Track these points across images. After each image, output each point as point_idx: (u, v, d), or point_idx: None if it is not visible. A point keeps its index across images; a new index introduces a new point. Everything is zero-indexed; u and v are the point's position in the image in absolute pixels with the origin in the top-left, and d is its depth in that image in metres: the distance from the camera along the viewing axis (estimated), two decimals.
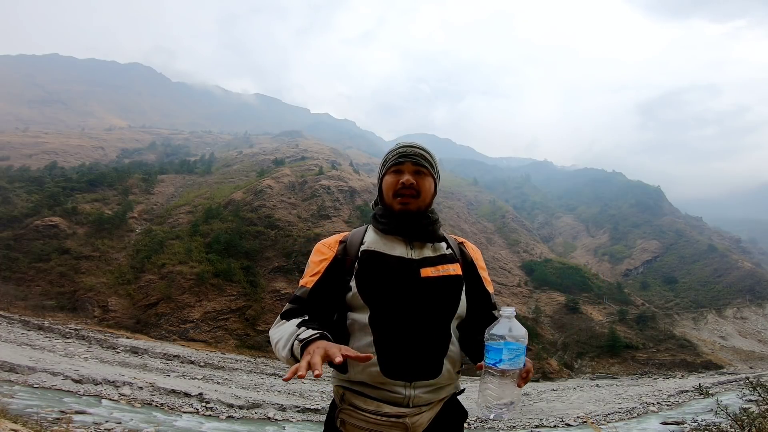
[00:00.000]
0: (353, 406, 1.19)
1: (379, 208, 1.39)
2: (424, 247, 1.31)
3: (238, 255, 39.10)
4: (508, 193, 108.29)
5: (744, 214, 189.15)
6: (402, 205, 1.31)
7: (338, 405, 1.23)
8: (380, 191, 1.40)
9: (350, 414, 1.19)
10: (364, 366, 1.17)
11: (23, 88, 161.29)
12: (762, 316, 55.41)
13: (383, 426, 1.16)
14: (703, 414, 16.43)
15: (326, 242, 1.36)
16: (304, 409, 17.08)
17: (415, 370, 1.18)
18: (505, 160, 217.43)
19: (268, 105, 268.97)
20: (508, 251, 67.13)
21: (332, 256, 1.30)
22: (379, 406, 1.17)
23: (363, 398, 1.19)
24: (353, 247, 1.31)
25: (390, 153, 1.38)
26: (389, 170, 1.35)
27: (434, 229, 1.34)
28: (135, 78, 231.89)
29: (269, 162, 67.37)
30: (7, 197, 43.00)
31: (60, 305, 31.10)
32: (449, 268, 1.28)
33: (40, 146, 75.40)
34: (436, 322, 1.22)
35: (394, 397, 1.17)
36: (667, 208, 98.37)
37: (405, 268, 1.25)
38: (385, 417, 1.16)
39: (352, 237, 1.35)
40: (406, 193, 1.30)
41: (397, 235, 1.31)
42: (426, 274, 1.24)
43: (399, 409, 1.17)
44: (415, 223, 1.31)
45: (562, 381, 33.56)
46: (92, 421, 11.10)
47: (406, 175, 1.31)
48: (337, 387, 1.25)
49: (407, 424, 1.17)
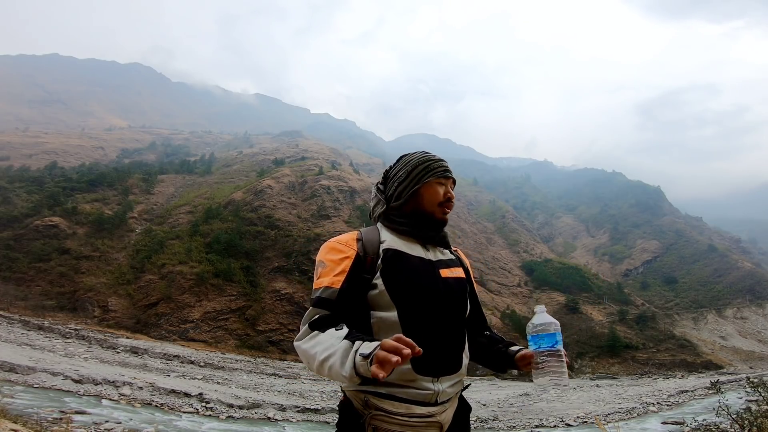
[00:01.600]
0: (383, 411, 1.16)
1: (398, 209, 1.41)
2: (436, 250, 1.39)
3: (238, 255, 39.12)
4: (508, 193, 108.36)
5: (744, 214, 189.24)
6: (444, 215, 1.41)
7: (364, 412, 1.18)
8: (414, 195, 1.41)
9: (382, 419, 1.16)
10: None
11: (23, 88, 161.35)
12: (762, 316, 55.42)
13: (419, 427, 1.17)
14: (703, 414, 16.42)
15: (342, 240, 1.33)
16: (304, 409, 17.08)
17: (441, 365, 1.23)
18: (505, 160, 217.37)
19: (268, 105, 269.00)
20: (508, 251, 67.15)
21: (354, 254, 1.27)
22: (410, 408, 1.17)
23: (390, 401, 1.17)
24: (372, 245, 1.31)
25: (433, 162, 1.43)
26: (434, 180, 1.41)
27: (446, 236, 1.44)
28: (135, 78, 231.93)
29: (269, 162, 67.41)
30: (7, 197, 43.03)
31: (60, 305, 31.12)
32: (457, 271, 1.38)
33: (40, 146, 75.44)
34: (456, 319, 1.30)
35: (423, 394, 1.19)
36: (667, 208, 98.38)
37: (427, 267, 1.30)
38: (419, 418, 1.17)
39: (366, 235, 1.35)
40: (449, 205, 1.41)
41: (414, 237, 1.36)
42: (444, 274, 1.32)
43: (429, 409, 1.19)
44: (441, 230, 1.41)
45: None
46: (92, 421, 11.10)
47: (450, 191, 1.43)
48: (357, 392, 1.20)
49: (440, 421, 1.20)
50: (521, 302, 50.58)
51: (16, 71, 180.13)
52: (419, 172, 1.40)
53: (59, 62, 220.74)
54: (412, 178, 1.41)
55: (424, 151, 1.47)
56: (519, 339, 39.82)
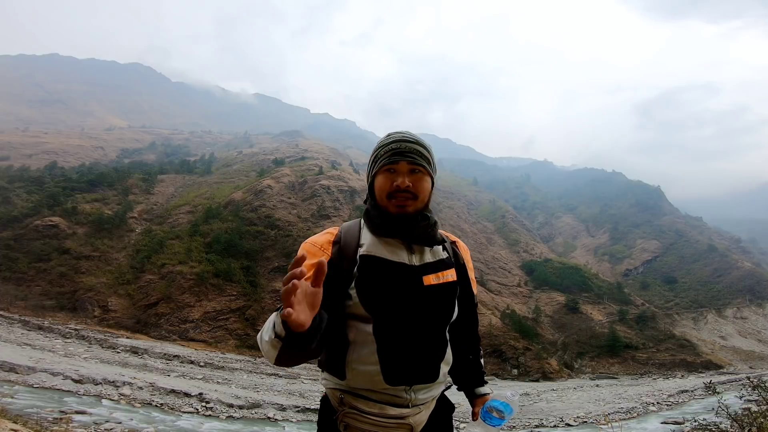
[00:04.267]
0: (356, 410, 1.17)
1: (372, 207, 1.28)
2: (424, 251, 1.24)
3: (238, 255, 39.11)
4: (508, 193, 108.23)
5: (744, 214, 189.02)
6: (398, 208, 1.21)
7: (338, 409, 1.20)
8: (371, 190, 1.29)
9: (354, 417, 1.17)
10: (366, 375, 1.17)
11: (23, 88, 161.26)
12: (762, 316, 55.40)
13: (389, 427, 1.17)
14: (703, 414, 16.41)
15: (316, 241, 1.23)
16: (304, 409, 17.08)
17: (415, 375, 1.18)
18: (505, 160, 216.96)
19: (267, 105, 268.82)
20: (508, 251, 67.12)
21: (325, 260, 1.21)
22: (383, 408, 1.17)
23: (364, 401, 1.18)
24: (349, 249, 1.21)
25: (381, 147, 1.25)
26: (381, 169, 1.23)
27: (433, 232, 1.26)
28: (135, 78, 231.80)
29: (269, 162, 67.36)
30: (7, 197, 43.03)
31: (60, 305, 31.11)
32: (447, 274, 1.25)
33: (40, 146, 75.39)
34: (436, 329, 1.22)
35: (395, 399, 1.19)
36: (667, 208, 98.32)
37: (408, 276, 1.19)
38: (391, 419, 1.17)
39: (345, 237, 1.24)
40: (401, 195, 1.20)
41: (396, 238, 1.23)
42: (428, 282, 1.20)
43: (402, 410, 1.18)
44: (413, 226, 1.22)
45: (562, 381, 33.53)
46: (92, 421, 11.10)
47: (400, 176, 1.21)
48: (333, 390, 1.22)
49: (411, 423, 1.19)
50: (521, 302, 50.55)
51: (16, 71, 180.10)
52: (371, 164, 1.28)
53: (59, 62, 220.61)
54: (369, 173, 1.30)
55: (388, 134, 1.28)
56: (518, 338, 39.74)
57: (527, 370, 34.74)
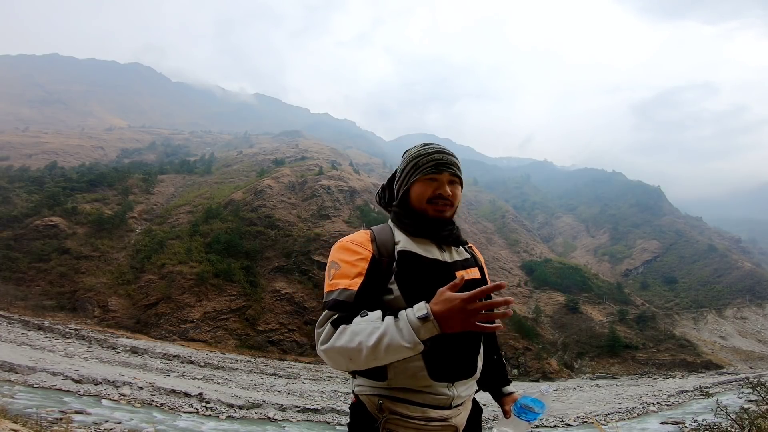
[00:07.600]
0: (398, 415, 1.15)
1: (403, 209, 1.35)
2: (452, 251, 1.33)
3: (238, 255, 39.11)
4: (508, 193, 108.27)
5: (744, 214, 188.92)
6: (437, 213, 1.30)
7: (378, 415, 1.17)
8: (406, 194, 1.35)
9: (398, 423, 1.15)
10: (409, 371, 1.16)
11: (23, 88, 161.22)
12: (762, 316, 55.39)
13: (434, 431, 1.17)
14: (703, 414, 16.45)
15: (356, 240, 1.26)
16: (304, 409, 17.08)
17: (456, 370, 1.21)
18: (505, 160, 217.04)
19: (267, 105, 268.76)
20: (508, 251, 67.14)
21: (370, 256, 1.21)
22: (425, 412, 1.16)
23: (405, 405, 1.16)
24: (386, 246, 1.25)
25: (423, 157, 1.32)
26: (424, 177, 1.31)
27: (459, 234, 1.37)
28: (135, 78, 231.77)
29: (269, 162, 67.37)
30: (7, 197, 43.03)
31: (60, 305, 31.11)
32: (473, 272, 1.32)
33: (40, 146, 75.40)
34: None
35: (438, 399, 1.18)
36: (666, 208, 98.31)
37: (444, 271, 1.24)
38: (435, 422, 1.17)
39: (380, 236, 1.28)
40: (442, 202, 1.30)
41: (426, 238, 1.30)
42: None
43: (443, 412, 1.18)
44: (445, 228, 1.32)
45: (562, 381, 33.54)
46: (92, 421, 11.10)
47: (444, 186, 1.31)
48: (371, 396, 1.20)
49: (456, 425, 1.20)
50: (521, 302, 50.53)
51: (16, 71, 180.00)
52: (409, 171, 1.34)
53: (59, 62, 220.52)
54: (404, 177, 1.36)
55: (424, 144, 1.38)
56: (518, 338, 39.75)
57: (527, 370, 34.74)
